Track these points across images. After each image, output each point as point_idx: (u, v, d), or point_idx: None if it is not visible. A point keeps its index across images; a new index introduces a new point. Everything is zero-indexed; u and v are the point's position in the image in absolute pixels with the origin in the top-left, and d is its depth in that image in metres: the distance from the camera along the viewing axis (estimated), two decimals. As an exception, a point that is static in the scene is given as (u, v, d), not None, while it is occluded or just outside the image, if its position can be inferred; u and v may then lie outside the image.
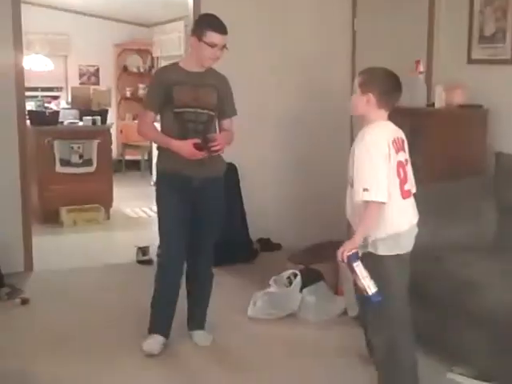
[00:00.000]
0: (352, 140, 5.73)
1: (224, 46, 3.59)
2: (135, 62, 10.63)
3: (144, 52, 10.64)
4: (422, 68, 4.72)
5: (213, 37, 3.52)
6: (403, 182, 2.96)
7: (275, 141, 5.73)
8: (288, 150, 5.78)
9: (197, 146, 3.47)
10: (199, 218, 3.69)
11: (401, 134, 3.08)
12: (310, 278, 4.25)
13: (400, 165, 2.95)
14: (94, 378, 3.38)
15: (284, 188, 5.79)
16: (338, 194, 5.77)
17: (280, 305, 4.13)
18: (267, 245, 5.66)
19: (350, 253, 2.83)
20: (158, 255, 3.88)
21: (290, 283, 4.22)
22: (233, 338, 3.91)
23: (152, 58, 10.57)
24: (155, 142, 3.80)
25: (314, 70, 5.72)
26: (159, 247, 3.83)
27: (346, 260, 2.85)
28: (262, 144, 5.69)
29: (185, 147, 3.49)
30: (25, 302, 4.41)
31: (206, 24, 3.58)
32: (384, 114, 3.04)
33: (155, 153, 8.83)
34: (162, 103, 3.59)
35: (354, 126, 5.82)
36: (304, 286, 4.20)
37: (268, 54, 5.58)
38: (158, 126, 3.75)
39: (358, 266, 2.83)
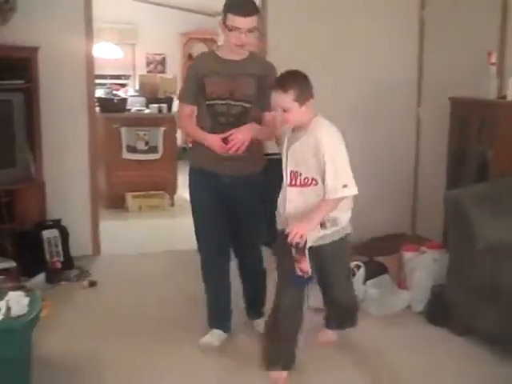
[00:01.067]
0: (418, 131, 5.74)
1: (250, 30, 3.23)
2: (201, 51, 10.68)
3: (209, 41, 10.70)
4: (493, 59, 4.60)
5: (234, 20, 3.19)
6: None
7: (340, 130, 5.67)
8: (353, 141, 5.68)
9: (225, 141, 3.25)
10: (236, 217, 3.57)
11: None
12: (373, 271, 4.22)
13: None
14: (156, 360, 3.43)
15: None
16: (403, 187, 5.80)
17: (342, 296, 4.11)
18: (330, 236, 5.61)
19: (306, 237, 2.93)
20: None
21: (353, 275, 4.19)
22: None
23: (217, 47, 10.61)
24: (193, 137, 3.53)
25: (381, 62, 5.64)
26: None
27: (302, 243, 2.93)
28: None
29: (214, 141, 3.27)
30: (92, 284, 4.52)
31: (227, 6, 3.26)
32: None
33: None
34: (197, 94, 3.38)
35: (420, 119, 5.75)
36: (367, 278, 4.17)
37: (334, 48, 5.53)
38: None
39: (307, 250, 2.96)
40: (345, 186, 2.98)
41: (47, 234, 4.64)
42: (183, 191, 7.47)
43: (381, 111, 5.71)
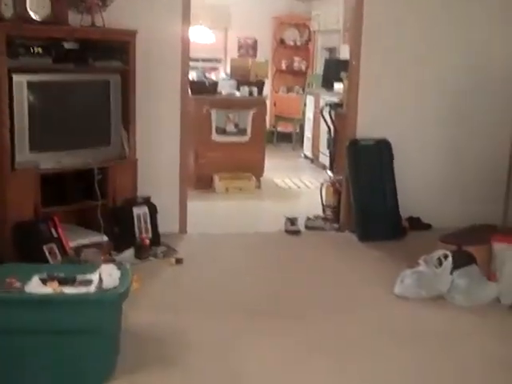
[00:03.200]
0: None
1: None
2: (292, 36, 10.69)
3: (301, 26, 10.66)
4: None
5: None
6: None
7: (432, 118, 5.58)
8: (445, 127, 5.61)
9: None
10: None
11: None
12: (461, 261, 4.12)
13: None
14: (239, 338, 3.47)
15: (438, 167, 5.64)
16: (497, 176, 5.64)
17: (429, 285, 4.05)
18: (417, 224, 5.54)
19: None
20: None
21: (440, 264, 4.11)
22: (378, 314, 3.88)
23: (309, 32, 10.59)
24: None
25: (481, 48, 5.50)
26: None
27: None
28: (418, 120, 5.57)
29: None
30: (179, 261, 4.62)
31: None
32: None
33: (307, 126, 8.92)
34: None
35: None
36: (455, 268, 4.07)
37: (432, 35, 5.45)
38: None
39: None
40: None
41: (137, 210, 4.76)
42: (270, 174, 7.55)
43: (478, 99, 5.57)
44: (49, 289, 2.96)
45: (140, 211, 4.77)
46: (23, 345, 2.82)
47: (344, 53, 8.33)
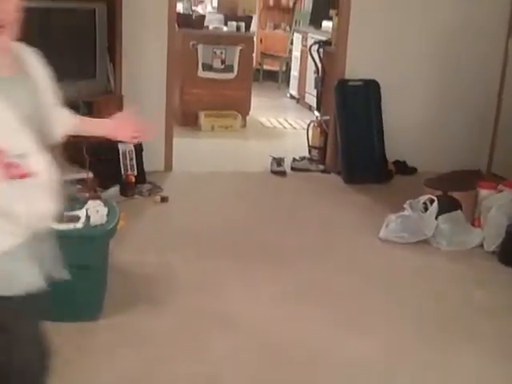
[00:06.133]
0: (505, 63, 5.50)
1: None
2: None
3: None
4: None
5: None
6: None
7: (422, 60, 5.51)
8: (435, 71, 5.56)
9: None
10: None
11: None
12: (446, 206, 4.14)
13: None
14: (224, 275, 3.49)
15: (426, 111, 5.61)
16: (483, 122, 5.63)
17: (413, 229, 4.07)
18: (403, 168, 5.54)
19: None
20: None
21: (426, 209, 4.13)
22: (362, 257, 3.91)
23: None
24: None
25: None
26: None
27: None
28: (408, 62, 5.50)
29: None
30: (164, 199, 4.59)
31: None
32: None
33: (294, 65, 8.76)
34: None
35: (508, 50, 5.50)
36: (440, 212, 4.09)
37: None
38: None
39: None
40: None
41: (123, 147, 4.70)
42: (256, 112, 7.47)
43: (468, 43, 5.51)
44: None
45: (126, 148, 4.71)
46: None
47: (334, -10, 8.15)
